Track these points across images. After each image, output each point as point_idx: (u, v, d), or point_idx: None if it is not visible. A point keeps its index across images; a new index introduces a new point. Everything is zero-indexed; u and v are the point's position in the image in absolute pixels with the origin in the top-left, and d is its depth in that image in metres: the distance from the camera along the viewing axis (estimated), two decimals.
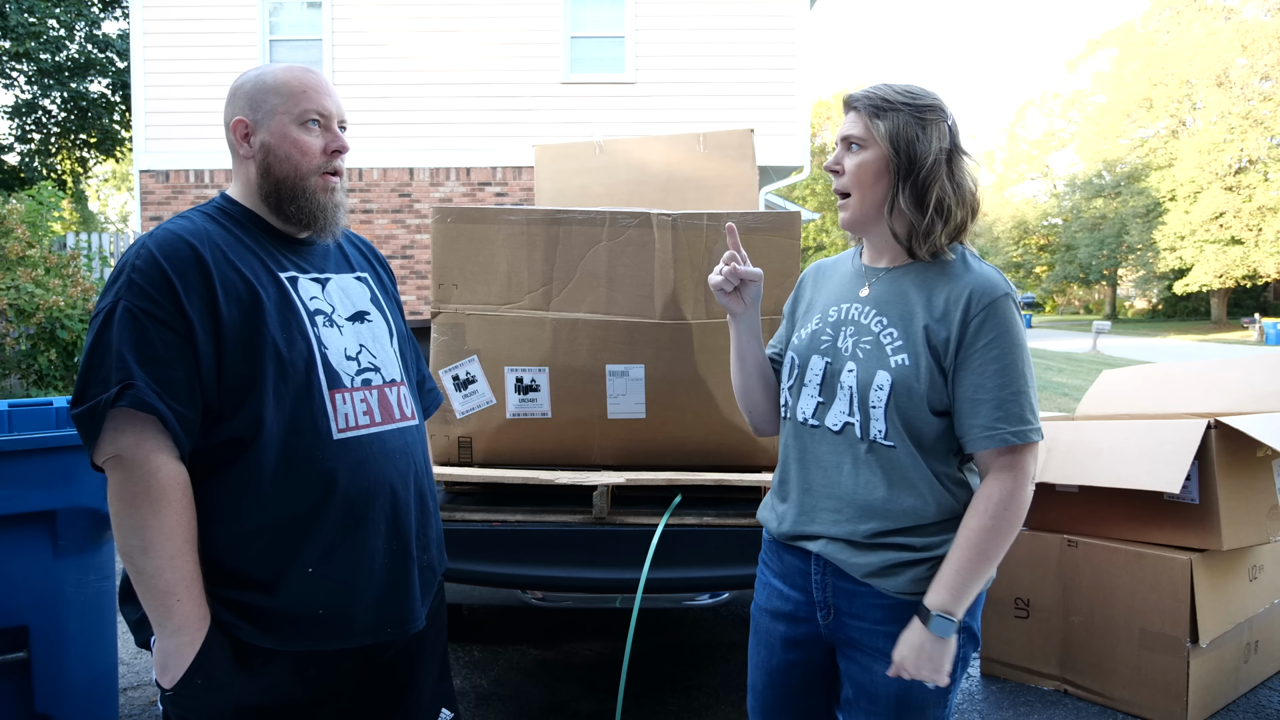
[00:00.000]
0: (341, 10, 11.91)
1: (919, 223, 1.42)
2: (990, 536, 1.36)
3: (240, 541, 1.34)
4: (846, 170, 1.46)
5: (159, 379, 1.26)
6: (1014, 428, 1.36)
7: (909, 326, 1.42)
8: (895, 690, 1.43)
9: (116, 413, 1.25)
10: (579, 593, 2.41)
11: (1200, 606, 2.69)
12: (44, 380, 7.45)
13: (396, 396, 1.49)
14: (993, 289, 1.39)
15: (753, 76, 11.74)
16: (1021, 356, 1.38)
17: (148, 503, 1.25)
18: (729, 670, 3.17)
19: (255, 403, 1.32)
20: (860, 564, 1.43)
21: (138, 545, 1.25)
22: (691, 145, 3.76)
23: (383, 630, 1.43)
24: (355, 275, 1.54)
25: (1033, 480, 1.40)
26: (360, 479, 1.39)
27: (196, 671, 1.29)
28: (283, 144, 1.41)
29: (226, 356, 1.31)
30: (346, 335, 1.44)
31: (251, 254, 1.40)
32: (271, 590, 1.34)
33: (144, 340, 1.26)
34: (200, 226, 1.38)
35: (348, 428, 1.39)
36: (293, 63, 1.49)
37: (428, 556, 1.53)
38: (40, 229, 8.34)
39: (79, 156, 21.41)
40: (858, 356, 1.45)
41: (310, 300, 1.42)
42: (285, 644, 1.35)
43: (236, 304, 1.33)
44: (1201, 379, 3.29)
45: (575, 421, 2.57)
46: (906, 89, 1.43)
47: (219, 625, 1.32)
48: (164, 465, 1.27)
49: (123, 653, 3.28)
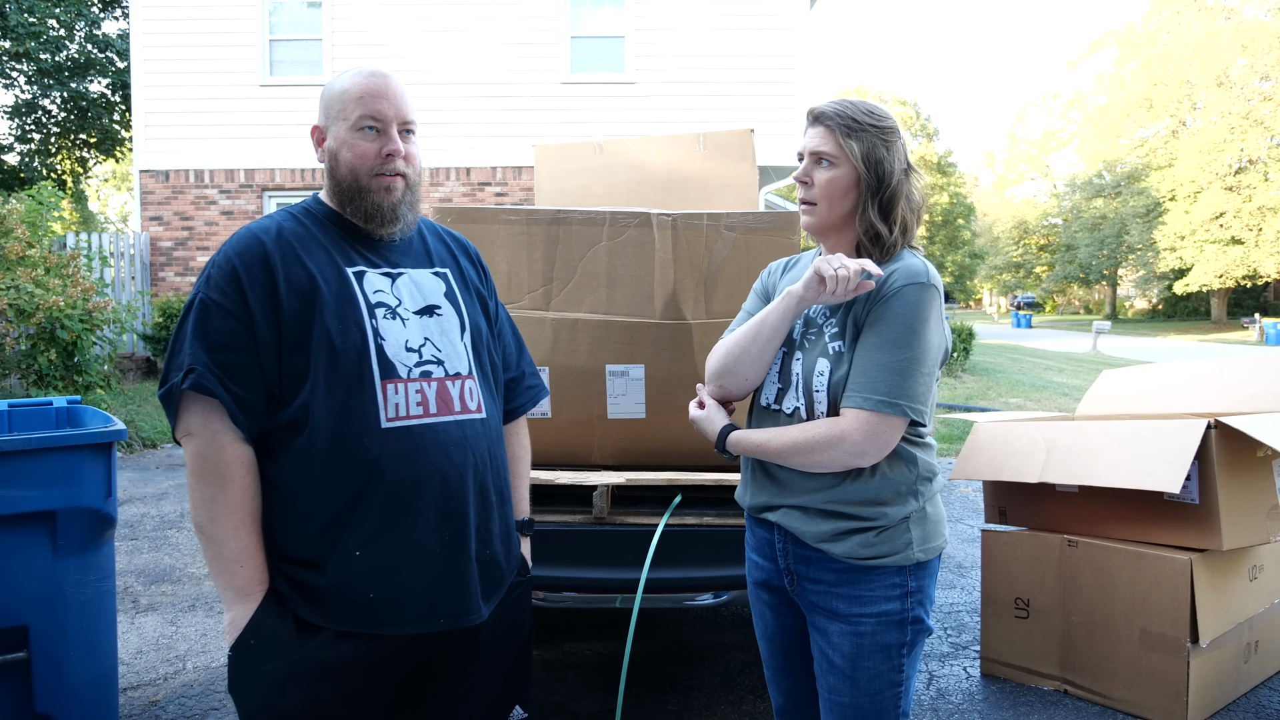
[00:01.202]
0: (341, 10, 11.91)
1: (885, 233, 1.56)
2: (794, 450, 1.53)
3: (296, 521, 1.42)
4: (816, 184, 1.58)
5: (221, 365, 1.37)
6: (865, 394, 1.47)
7: (845, 315, 1.56)
8: (848, 654, 1.56)
9: (187, 395, 1.37)
10: (579, 593, 2.41)
11: (1200, 606, 2.69)
12: (44, 380, 7.45)
13: (460, 390, 1.51)
14: (911, 275, 1.51)
15: (753, 76, 11.74)
16: (907, 338, 1.48)
17: (213, 478, 1.37)
18: (729, 670, 3.17)
19: (308, 389, 1.40)
20: (812, 531, 1.56)
21: (206, 516, 1.38)
22: (691, 145, 3.76)
23: (434, 620, 1.45)
24: (433, 271, 1.59)
25: (869, 447, 1.48)
26: (407, 468, 1.42)
27: (251, 634, 1.38)
28: (341, 149, 1.48)
29: (286, 345, 1.40)
30: (411, 328, 1.49)
31: (322, 249, 1.48)
32: (321, 569, 1.40)
33: (211, 330, 1.38)
34: (276, 224, 1.49)
35: (397, 417, 1.43)
36: (363, 68, 1.53)
37: (490, 551, 1.54)
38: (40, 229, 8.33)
39: (79, 156, 21.41)
40: (804, 347, 1.60)
41: (374, 293, 1.48)
42: (335, 622, 1.40)
43: (298, 296, 1.41)
44: (1201, 379, 3.29)
45: (575, 421, 2.57)
46: (869, 109, 1.56)
47: (277, 596, 1.41)
48: (228, 445, 1.38)
49: (123, 653, 3.29)
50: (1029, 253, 47.65)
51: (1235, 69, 32.56)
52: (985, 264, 50.02)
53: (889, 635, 1.55)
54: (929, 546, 1.57)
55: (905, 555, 1.54)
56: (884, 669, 1.56)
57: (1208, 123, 33.31)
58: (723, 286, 2.52)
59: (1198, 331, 31.97)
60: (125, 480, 6.30)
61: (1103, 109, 40.73)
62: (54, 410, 2.82)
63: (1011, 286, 51.37)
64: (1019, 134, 50.13)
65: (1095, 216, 40.24)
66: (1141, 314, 45.48)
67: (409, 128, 1.51)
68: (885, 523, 1.53)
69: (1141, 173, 37.13)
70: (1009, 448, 3.08)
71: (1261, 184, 30.78)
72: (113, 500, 2.37)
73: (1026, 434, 3.07)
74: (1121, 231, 37.81)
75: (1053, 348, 22.99)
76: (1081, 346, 23.33)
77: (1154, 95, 36.00)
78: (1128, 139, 38.90)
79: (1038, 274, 47.54)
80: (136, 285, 11.57)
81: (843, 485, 1.54)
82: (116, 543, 3.46)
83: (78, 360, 7.64)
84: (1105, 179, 40.48)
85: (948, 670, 3.23)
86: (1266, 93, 31.95)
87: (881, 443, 1.49)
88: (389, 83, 1.49)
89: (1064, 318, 48.69)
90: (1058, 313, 52.21)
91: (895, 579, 1.55)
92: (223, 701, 2.95)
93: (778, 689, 1.79)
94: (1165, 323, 38.39)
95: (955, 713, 2.89)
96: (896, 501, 1.54)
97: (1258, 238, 30.74)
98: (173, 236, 11.95)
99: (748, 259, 2.48)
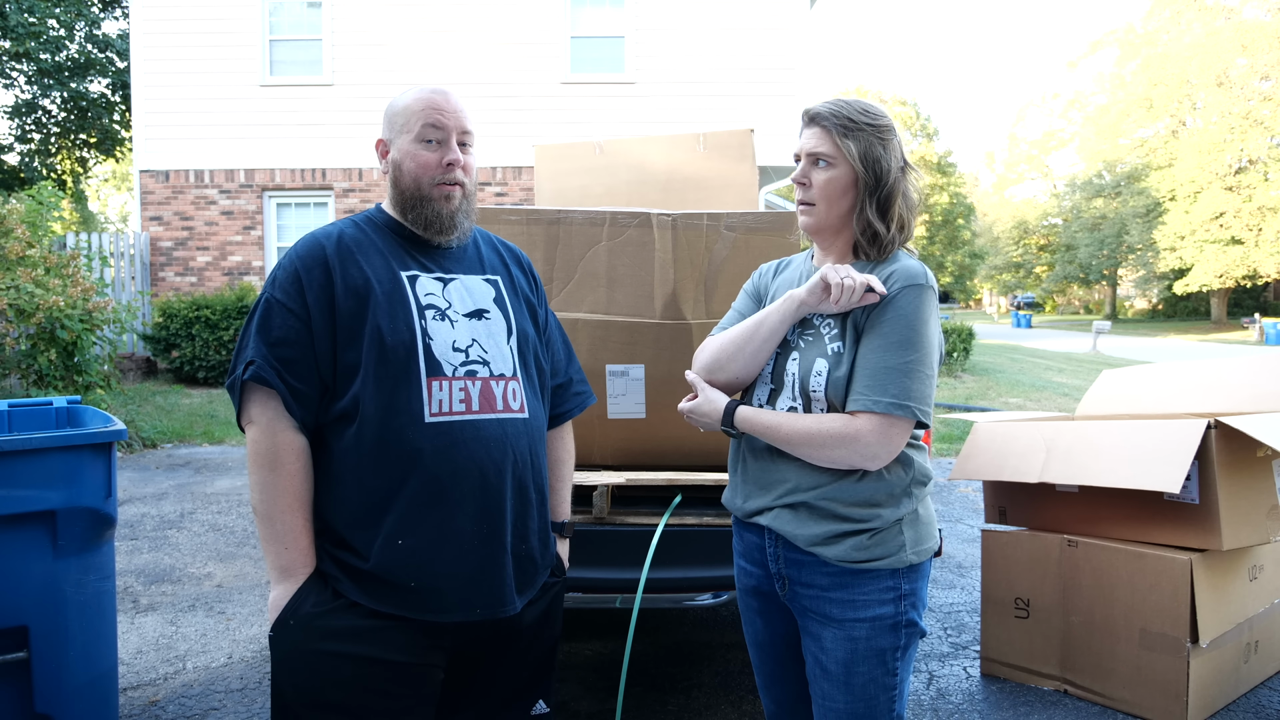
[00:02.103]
0: (341, 10, 11.91)
1: (883, 231, 1.57)
2: (805, 441, 1.51)
3: (345, 507, 1.50)
4: (815, 184, 1.58)
5: (280, 358, 1.47)
6: (875, 397, 1.47)
7: (845, 317, 1.55)
8: (842, 659, 1.55)
9: (248, 385, 1.48)
10: (579, 593, 2.41)
11: (1200, 606, 2.69)
12: (44, 380, 7.44)
13: (503, 390, 1.57)
14: (909, 277, 1.52)
15: (753, 76, 11.75)
16: (911, 340, 1.49)
17: (268, 464, 1.46)
18: (729, 670, 3.17)
19: (359, 384, 1.48)
20: (804, 534, 1.55)
21: (260, 498, 1.47)
22: (691, 145, 3.76)
23: (471, 609, 1.50)
24: (484, 277, 1.66)
25: (883, 450, 1.48)
26: (447, 460, 1.48)
27: (291, 613, 1.45)
28: (405, 159, 1.57)
29: (340, 341, 1.49)
30: (459, 329, 1.56)
31: (379, 254, 1.57)
32: (365, 555, 1.47)
33: (272, 326, 1.49)
34: (339, 230, 1.59)
35: (440, 412, 1.49)
36: (425, 84, 1.63)
37: (526, 547, 1.58)
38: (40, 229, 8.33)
39: (79, 156, 21.41)
40: (800, 347, 1.59)
41: (425, 296, 1.56)
42: (377, 604, 1.47)
43: (353, 296, 1.50)
44: (1201, 379, 3.29)
45: (575, 421, 2.56)
46: (865, 108, 1.57)
47: (323, 576, 1.49)
48: (282, 432, 1.47)
49: (123, 653, 3.28)
50: (1029, 253, 47.65)
51: (1235, 69, 32.56)
52: (985, 264, 50.03)
53: (883, 639, 1.54)
54: (921, 549, 1.57)
55: (898, 558, 1.53)
56: (878, 673, 1.55)
57: (1208, 123, 33.31)
58: (723, 286, 2.52)
59: (1198, 331, 31.97)
60: (125, 480, 6.30)
61: (1103, 109, 40.75)
62: (54, 410, 2.82)
63: (1011, 286, 51.38)
64: (1019, 134, 50.15)
65: (1095, 216, 40.24)
66: (1141, 314, 45.48)
67: (466, 139, 1.60)
68: (879, 525, 1.52)
69: (1141, 173, 37.13)
70: (1009, 448, 3.08)
71: (1261, 184, 30.78)
72: (113, 500, 2.37)
73: (1026, 434, 3.07)
74: (1121, 231, 37.81)
75: (1053, 348, 22.99)
76: (1081, 346, 23.33)
77: (1154, 95, 36.00)
78: (1128, 139, 38.91)
79: (1038, 274, 47.54)
80: (136, 285, 11.57)
81: (840, 483, 1.53)
82: (116, 543, 3.46)
83: (78, 360, 7.64)
84: (1105, 179, 40.48)
85: (948, 670, 3.23)
86: (1266, 93, 31.95)
87: (893, 445, 1.49)
88: (449, 97, 1.59)
89: (1064, 318, 48.69)
90: (1058, 313, 52.22)
91: (889, 582, 1.54)
92: (222, 702, 2.95)
93: (769, 696, 1.78)
94: (1165, 323, 38.40)
95: (955, 713, 2.89)
96: (890, 504, 1.53)
97: (1258, 238, 30.74)
98: (173, 236, 11.95)
99: (748, 259, 2.48)
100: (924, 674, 3.20)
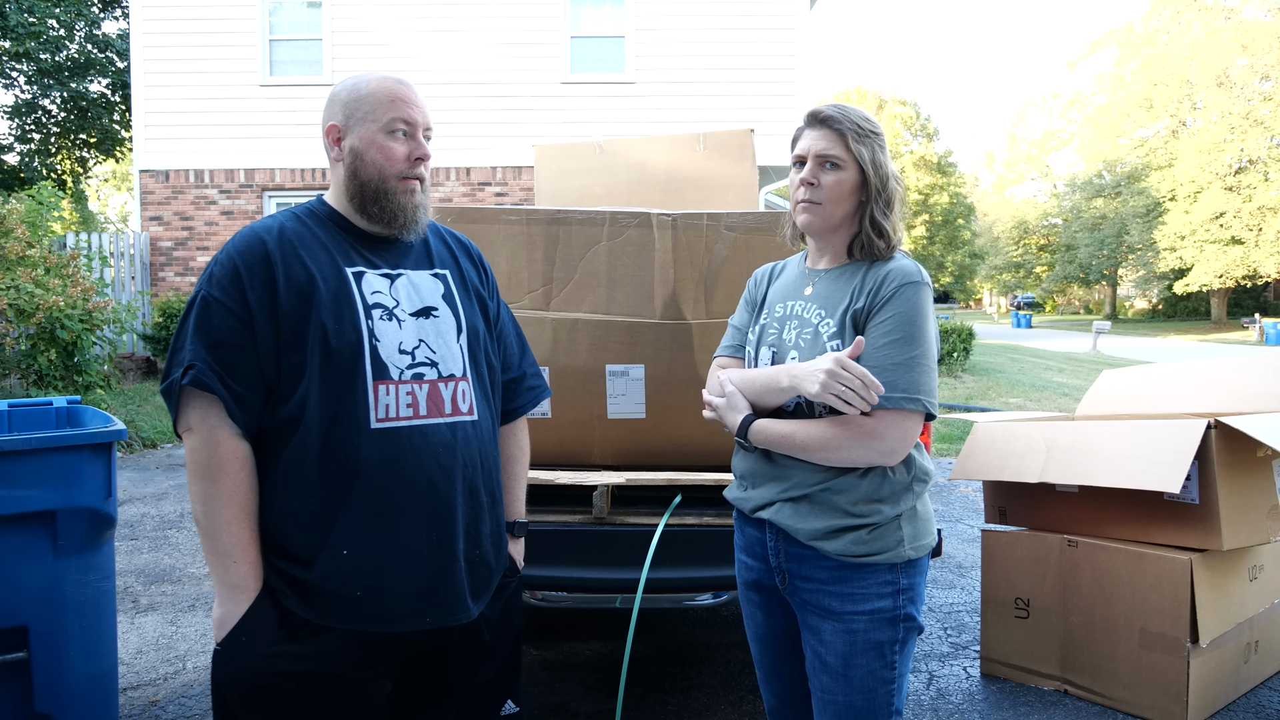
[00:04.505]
0: (341, 10, 11.91)
1: (890, 231, 1.62)
2: (821, 446, 1.52)
3: (289, 516, 1.43)
4: (824, 185, 1.61)
5: (220, 361, 1.39)
6: (890, 394, 1.49)
7: (842, 315, 1.59)
8: (841, 652, 1.57)
9: (186, 390, 1.39)
10: (579, 593, 2.41)
11: (1200, 606, 2.69)
12: (44, 380, 7.44)
13: (452, 391, 1.52)
14: (906, 275, 1.57)
15: (753, 76, 11.74)
16: (914, 335, 1.53)
17: (209, 472, 1.39)
18: (729, 670, 3.17)
19: (304, 387, 1.41)
20: (805, 529, 1.58)
21: (201, 509, 1.40)
22: (691, 145, 3.76)
23: (422, 619, 1.46)
24: (432, 272, 1.60)
25: (900, 444, 1.52)
26: (395, 469, 1.43)
27: (242, 630, 1.39)
28: (369, 149, 1.50)
29: (284, 342, 1.42)
30: (406, 330, 1.50)
31: (323, 249, 1.50)
32: (310, 566, 1.42)
33: (211, 327, 1.40)
34: (279, 224, 1.51)
35: (386, 418, 1.44)
36: (386, 74, 1.56)
37: (480, 552, 1.54)
38: (40, 229, 8.33)
39: (79, 156, 21.39)
40: (799, 346, 1.63)
41: (372, 294, 1.49)
42: (324, 618, 1.41)
43: (296, 294, 1.43)
44: (1201, 379, 3.29)
45: (575, 421, 2.57)
46: (865, 116, 1.63)
47: (269, 591, 1.42)
48: (224, 440, 1.39)
49: (123, 653, 3.28)
50: (1029, 253, 47.61)
51: (1235, 69, 32.55)
52: (985, 264, 50.01)
53: (881, 632, 1.57)
54: (920, 544, 1.60)
55: (897, 553, 1.56)
56: (877, 666, 1.58)
57: (1208, 123, 33.29)
58: (723, 286, 2.52)
59: (1198, 331, 31.96)
60: (125, 480, 6.30)
61: (1103, 109, 40.71)
62: (54, 410, 2.82)
63: (1011, 286, 51.36)
64: (1019, 134, 50.10)
65: (1095, 216, 40.21)
66: (1141, 314, 45.46)
67: (429, 134, 1.56)
68: (879, 520, 1.55)
69: (1141, 173, 37.10)
70: (1009, 448, 3.08)
71: (1261, 184, 30.76)
72: (113, 500, 2.37)
73: (1026, 434, 3.07)
74: (1121, 231, 37.78)
75: (1053, 348, 22.99)
76: (1081, 346, 23.32)
77: (1154, 95, 35.98)
78: (1128, 139, 38.88)
79: (1038, 274, 47.50)
80: (136, 285, 11.57)
81: (842, 479, 1.56)
82: (116, 543, 3.46)
83: (78, 360, 7.64)
84: (1105, 179, 40.44)
85: (948, 670, 3.23)
86: (1266, 93, 31.93)
87: (910, 439, 1.53)
88: (415, 90, 1.55)
89: (1064, 318, 48.68)
90: (1058, 313, 52.20)
91: (887, 576, 1.57)
92: None
93: (770, 690, 1.80)
94: (1165, 323, 38.38)
95: (955, 713, 2.89)
96: (891, 500, 1.56)
97: (1258, 238, 30.72)
98: (173, 236, 11.94)
99: (748, 259, 2.48)
100: (924, 674, 3.20)
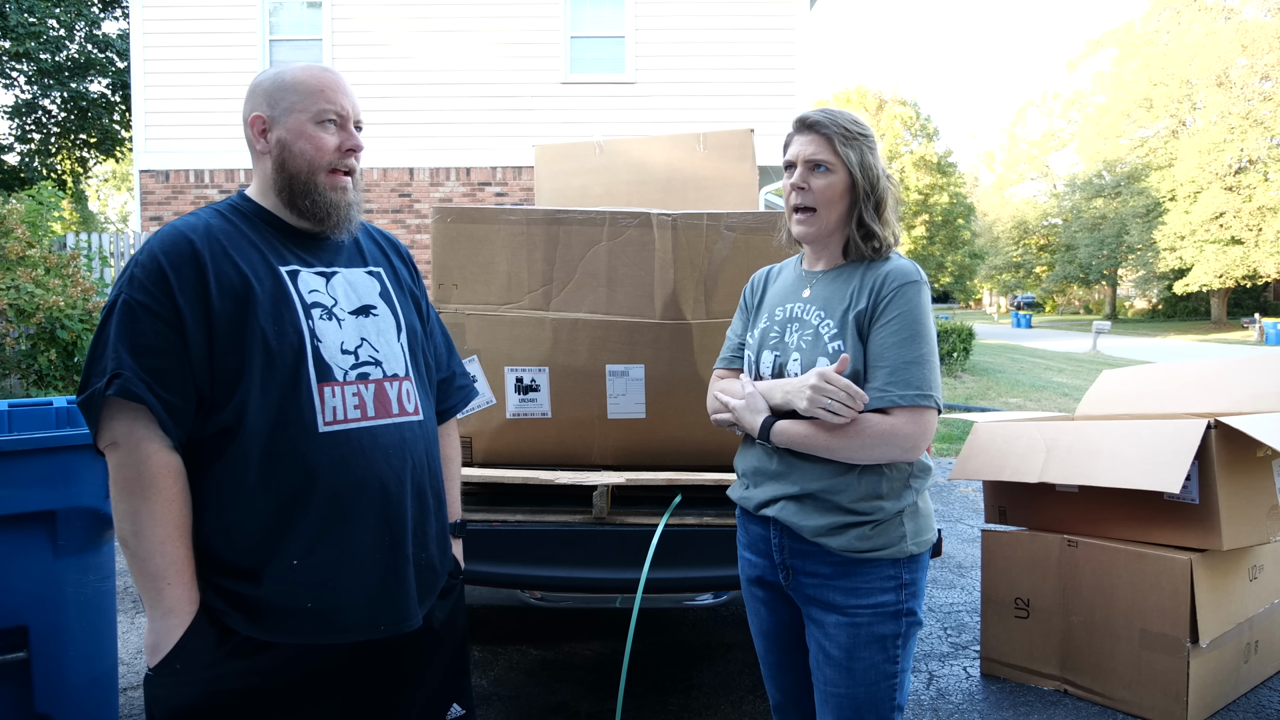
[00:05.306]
0: (341, 10, 11.91)
1: (880, 233, 1.63)
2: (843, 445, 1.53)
3: (228, 531, 1.35)
4: (814, 189, 1.63)
5: (149, 369, 1.30)
6: (901, 391, 1.53)
7: (843, 316, 1.61)
8: (845, 645, 1.60)
9: (110, 401, 1.29)
10: (579, 593, 2.41)
11: (1200, 606, 2.69)
12: (44, 380, 7.45)
13: (398, 391, 1.48)
14: (905, 275, 1.59)
15: (753, 76, 11.73)
16: (919, 333, 1.56)
17: (138, 488, 1.29)
18: (729, 670, 3.17)
19: (242, 393, 1.33)
20: (810, 526, 1.60)
21: (130, 529, 1.29)
22: (691, 145, 3.76)
23: (375, 627, 1.42)
24: (367, 270, 1.55)
25: (920, 440, 1.54)
26: (346, 473, 1.38)
27: (177, 656, 1.30)
28: (298, 140, 1.43)
29: (218, 347, 1.34)
30: (347, 329, 1.44)
31: (253, 248, 1.42)
32: (257, 580, 1.34)
33: (137, 332, 1.31)
34: (204, 222, 1.41)
35: (334, 421, 1.38)
36: (311, 62, 1.51)
37: (426, 555, 1.50)
38: (40, 229, 8.34)
39: (79, 156, 21.40)
40: (801, 348, 1.65)
41: (310, 294, 1.43)
42: (273, 635, 1.35)
43: (229, 296, 1.35)
44: (1201, 379, 3.29)
45: (575, 421, 2.57)
46: (854, 119, 1.64)
47: (209, 611, 1.33)
48: (155, 453, 1.30)
49: (123, 653, 3.28)
50: (1029, 253, 47.62)
51: (1235, 69, 32.55)
52: (985, 264, 50.01)
53: (884, 626, 1.60)
54: (921, 540, 1.62)
55: (899, 548, 1.59)
56: (879, 659, 1.60)
57: (1208, 123, 33.29)
58: (723, 286, 2.52)
59: (1198, 331, 31.96)
60: None
61: (1103, 109, 40.71)
62: (54, 410, 2.82)
63: (1011, 286, 51.36)
64: (1019, 134, 50.11)
65: (1095, 216, 40.21)
66: (1141, 314, 45.45)
67: (360, 126, 1.50)
68: (881, 516, 1.58)
69: (1141, 173, 37.11)
70: (1009, 448, 3.08)
71: (1261, 184, 30.76)
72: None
73: (1026, 434, 3.07)
74: (1121, 231, 37.78)
75: (1053, 348, 22.99)
76: (1081, 346, 23.32)
77: (1154, 95, 35.98)
78: (1128, 139, 38.88)
79: (1038, 274, 47.51)
80: None
81: (844, 476, 1.58)
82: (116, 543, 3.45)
83: (78, 360, 7.64)
84: (1105, 179, 40.45)
85: (948, 670, 3.23)
86: (1266, 93, 31.94)
87: (928, 434, 1.55)
88: (344, 80, 1.48)
89: (1064, 318, 48.68)
90: (1058, 313, 52.20)
91: (890, 571, 1.60)
92: None
93: (774, 685, 1.83)
94: (1165, 323, 38.37)
95: (955, 713, 2.89)
96: (892, 496, 1.59)
97: (1258, 238, 30.72)
98: None
99: (748, 259, 2.48)
100: (924, 674, 3.20)
